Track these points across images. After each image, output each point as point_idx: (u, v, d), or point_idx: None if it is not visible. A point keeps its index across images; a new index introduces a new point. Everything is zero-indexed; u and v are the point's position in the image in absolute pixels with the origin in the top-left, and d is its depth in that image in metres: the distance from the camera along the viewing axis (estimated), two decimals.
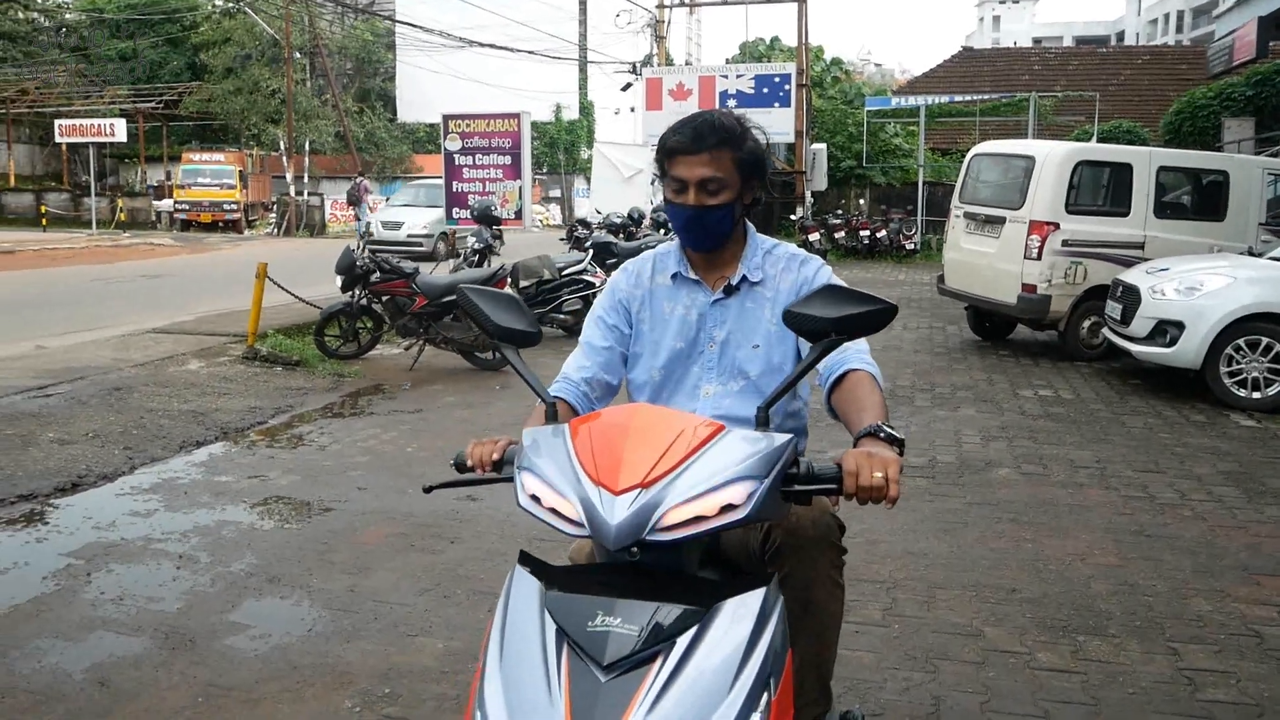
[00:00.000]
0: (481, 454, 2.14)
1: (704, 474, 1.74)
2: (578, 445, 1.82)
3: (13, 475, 6.01)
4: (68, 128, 34.85)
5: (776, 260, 2.60)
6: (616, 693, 1.58)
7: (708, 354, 2.56)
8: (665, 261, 2.64)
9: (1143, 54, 35.50)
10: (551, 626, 1.68)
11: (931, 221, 23.60)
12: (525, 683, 1.63)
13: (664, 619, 1.65)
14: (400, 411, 8.11)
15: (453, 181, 15.79)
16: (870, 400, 2.25)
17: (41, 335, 10.97)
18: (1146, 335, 8.81)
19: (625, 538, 1.68)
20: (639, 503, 1.70)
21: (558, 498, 1.76)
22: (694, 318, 2.56)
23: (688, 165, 2.42)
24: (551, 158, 48.60)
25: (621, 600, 1.68)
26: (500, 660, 1.69)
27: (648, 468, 1.73)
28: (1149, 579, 4.74)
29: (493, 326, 2.21)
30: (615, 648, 1.62)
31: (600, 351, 2.58)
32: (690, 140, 2.41)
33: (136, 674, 3.69)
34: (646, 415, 1.90)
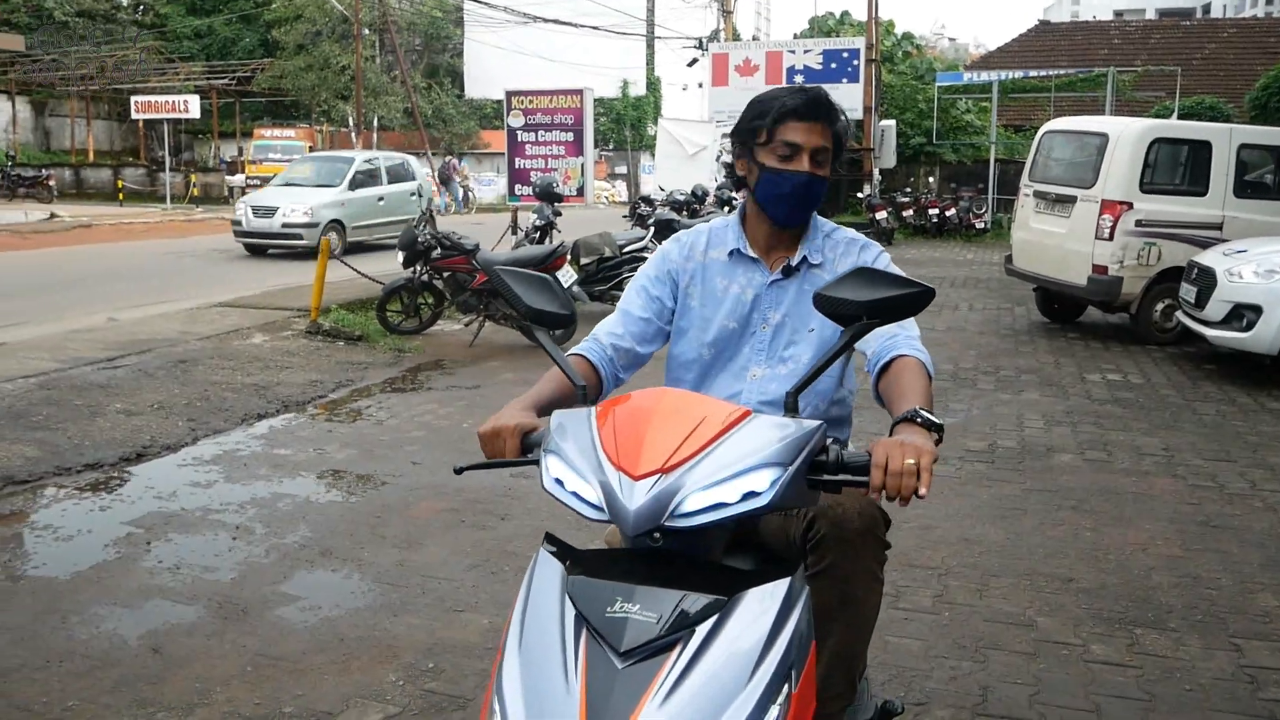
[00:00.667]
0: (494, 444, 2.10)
1: (726, 460, 1.70)
2: (602, 428, 1.79)
3: (80, 445, 6.15)
4: (144, 104, 35.52)
5: (836, 244, 2.52)
6: (633, 680, 1.55)
7: (760, 335, 2.48)
8: (722, 236, 2.55)
9: (1229, 27, 34.43)
10: (571, 611, 1.65)
11: (1003, 200, 23.15)
12: (542, 667, 1.61)
13: (685, 607, 1.62)
14: (458, 387, 8.16)
15: (515, 158, 15.80)
16: (914, 386, 2.16)
17: (114, 308, 11.21)
18: (1222, 319, 8.56)
19: (644, 523, 1.65)
20: (658, 488, 1.66)
21: (580, 481, 1.74)
22: (749, 297, 2.48)
23: (804, 132, 2.35)
24: (618, 134, 48.54)
25: (642, 587, 1.65)
26: (520, 643, 1.67)
27: (669, 452, 1.70)
28: (1213, 572, 4.61)
29: (524, 307, 2.18)
30: (633, 634, 1.58)
31: (636, 321, 2.52)
32: (807, 106, 2.35)
33: (189, 642, 3.76)
34: (672, 399, 1.85)
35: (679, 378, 2.57)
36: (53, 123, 43.50)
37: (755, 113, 2.40)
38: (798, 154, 2.35)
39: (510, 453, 2.05)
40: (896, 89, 27.71)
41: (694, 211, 16.89)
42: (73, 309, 11.22)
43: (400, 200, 20.14)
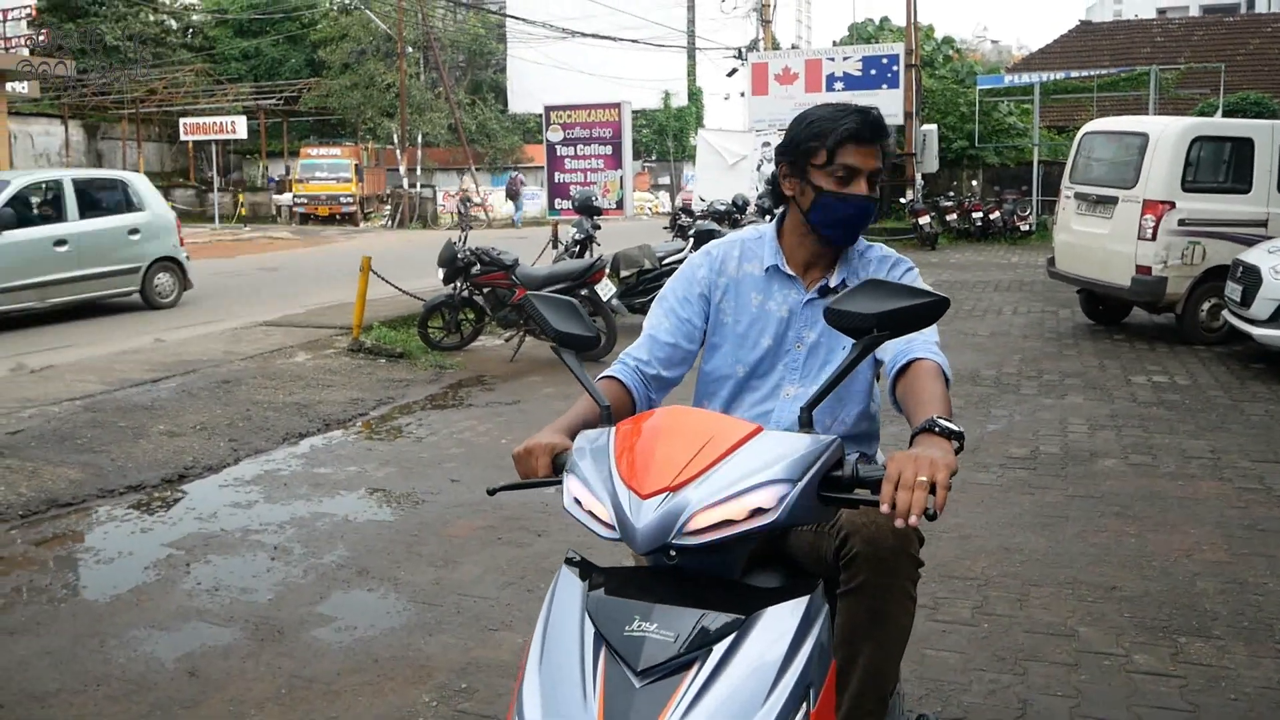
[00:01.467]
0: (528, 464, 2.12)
1: (733, 476, 1.69)
2: (617, 448, 1.79)
3: (123, 466, 6.25)
4: (192, 126, 36.15)
5: (869, 262, 2.48)
6: (650, 699, 1.54)
7: (794, 354, 2.46)
8: (756, 250, 2.51)
9: (1273, 21, 33.77)
10: (590, 629, 1.65)
11: (1047, 202, 22.87)
12: (562, 684, 1.61)
13: (703, 625, 1.61)
14: (498, 403, 8.19)
15: (555, 172, 15.87)
16: (931, 392, 2.11)
17: (161, 329, 11.41)
18: (1268, 317, 8.40)
19: (651, 542, 1.65)
20: (665, 506, 1.66)
21: (595, 501, 1.75)
22: (784, 315, 2.46)
23: (863, 155, 2.33)
24: (660, 145, 48.59)
25: (660, 605, 1.64)
26: (540, 661, 1.67)
27: (676, 470, 1.69)
28: (1260, 577, 4.52)
29: (552, 331, 2.22)
30: (650, 653, 1.58)
31: (663, 346, 2.48)
32: (867, 129, 2.32)
33: (225, 664, 3.80)
34: (681, 417, 1.85)
35: (712, 393, 2.55)
36: (105, 145, 44.34)
37: (812, 133, 2.35)
38: (856, 177, 2.34)
39: (541, 472, 2.07)
40: (937, 93, 27.54)
41: (735, 222, 16.84)
42: (121, 330, 11.44)
43: (107, 242, 13.09)
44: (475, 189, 37.05)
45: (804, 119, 2.38)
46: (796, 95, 23.59)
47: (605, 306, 10.11)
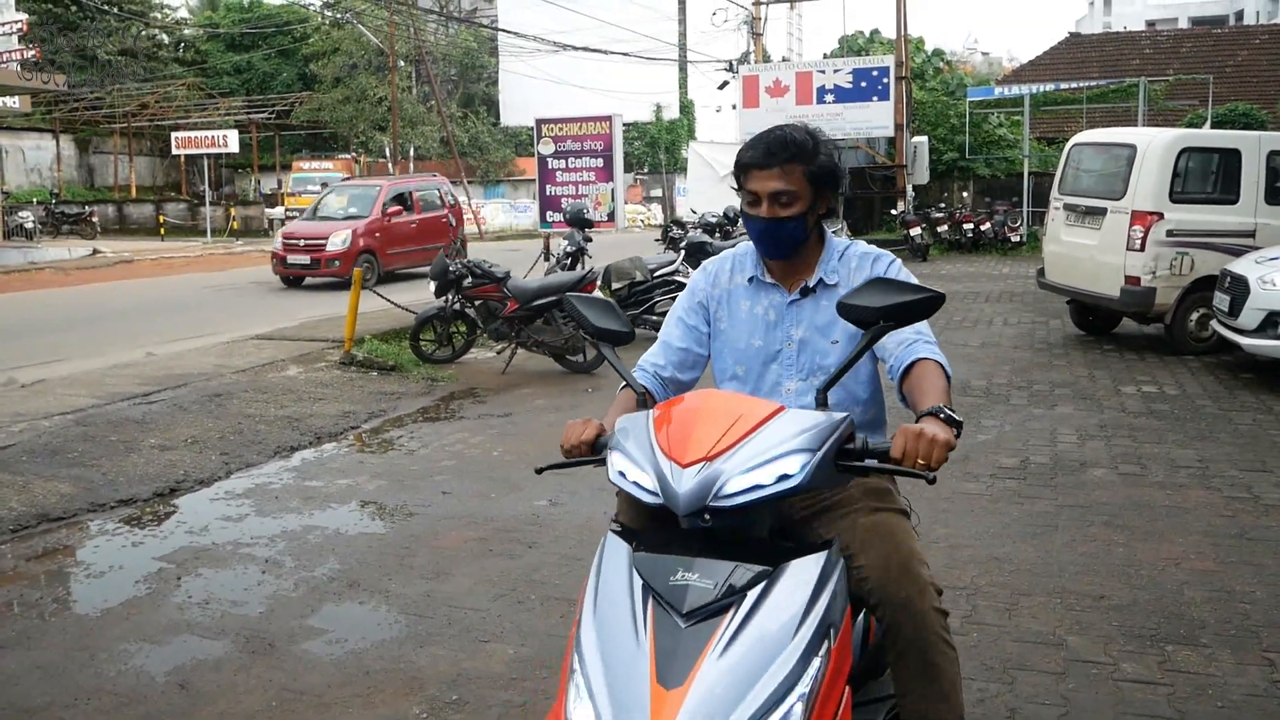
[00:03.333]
0: (573, 436, 2.38)
1: (762, 447, 1.97)
2: (657, 426, 2.08)
3: (114, 480, 6.25)
4: (184, 140, 36.16)
5: (849, 260, 2.68)
6: (694, 637, 1.82)
7: (786, 352, 2.66)
8: (743, 263, 2.75)
9: (1260, 33, 33.98)
10: (639, 582, 1.94)
11: (1037, 213, 22.92)
12: (616, 629, 1.88)
13: (736, 576, 1.90)
14: (490, 415, 8.20)
15: (546, 185, 15.91)
16: (934, 385, 2.37)
17: (153, 342, 11.40)
18: (1256, 327, 8.46)
19: (692, 504, 1.92)
20: (704, 474, 1.93)
21: (639, 472, 2.03)
22: (772, 317, 2.67)
23: (760, 179, 2.55)
24: (652, 157, 48.70)
25: (699, 559, 1.93)
26: (594, 611, 1.95)
27: (712, 443, 1.97)
28: (1247, 585, 4.54)
29: (592, 328, 2.53)
30: (693, 599, 1.86)
31: (676, 351, 2.76)
32: (762, 156, 2.54)
33: (216, 677, 3.80)
34: (715, 399, 2.15)
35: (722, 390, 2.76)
36: (96, 160, 44.37)
37: (735, 163, 2.65)
38: (758, 201, 2.56)
39: (583, 452, 2.35)
40: (928, 105, 27.62)
41: (726, 234, 16.91)
42: (113, 344, 11.41)
43: None
44: (468, 201, 37.04)
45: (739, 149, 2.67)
46: (788, 108, 23.67)
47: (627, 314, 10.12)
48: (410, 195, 19.72)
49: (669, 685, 1.77)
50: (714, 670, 1.79)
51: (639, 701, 1.77)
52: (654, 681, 1.78)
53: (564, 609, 4.40)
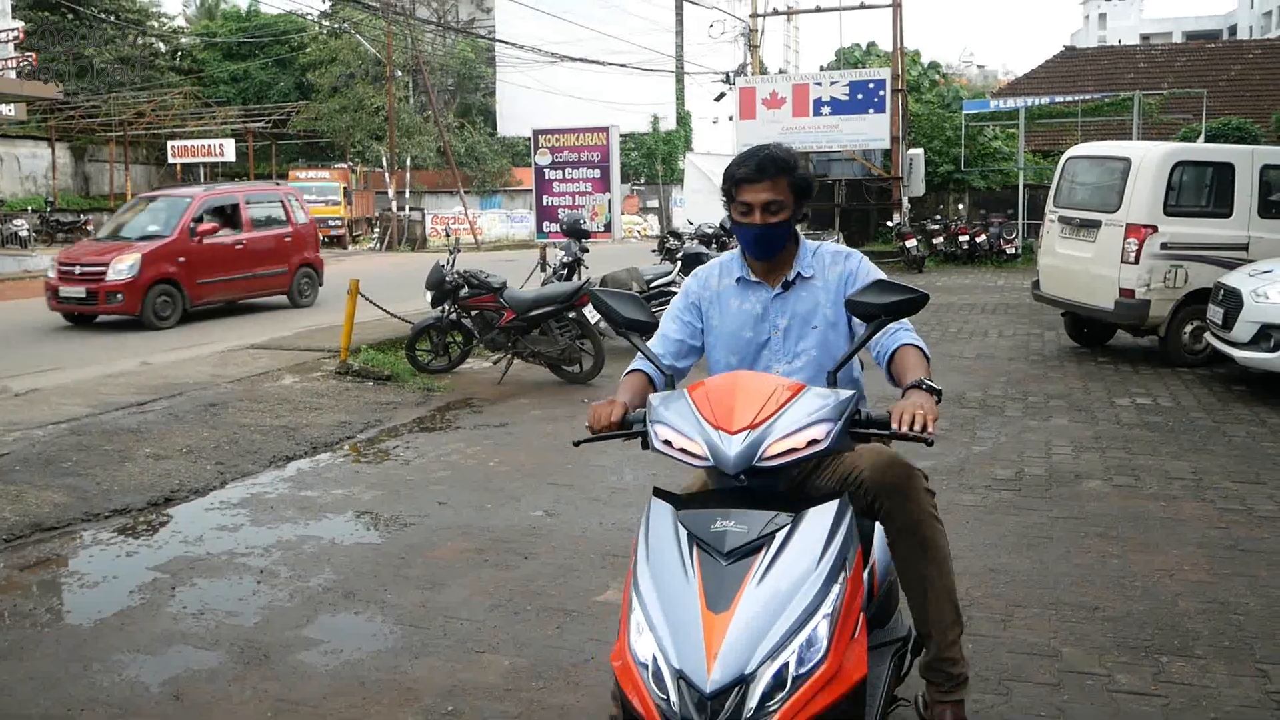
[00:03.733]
0: (601, 416, 2.71)
1: (795, 418, 2.39)
2: (697, 402, 2.45)
3: (109, 490, 6.24)
4: (180, 148, 36.22)
5: (822, 257, 3.10)
6: (735, 572, 2.22)
7: (774, 339, 3.06)
8: (730, 267, 3.14)
9: (1254, 48, 34.09)
10: (684, 532, 2.32)
11: (1032, 225, 22.97)
12: (667, 572, 2.27)
13: (766, 521, 2.30)
14: (486, 425, 8.20)
15: (543, 195, 15.91)
16: (916, 365, 2.80)
17: (148, 352, 11.39)
18: (1250, 340, 8.48)
19: (741, 464, 2.32)
20: (750, 439, 2.34)
21: (686, 440, 2.40)
22: (759, 311, 3.06)
23: (753, 192, 2.92)
24: (649, 168, 48.77)
25: (735, 510, 2.33)
26: (647, 559, 2.34)
27: (754, 414, 2.37)
28: (1241, 596, 4.56)
29: (620, 319, 2.88)
30: (732, 541, 2.26)
31: (672, 342, 3.12)
32: (754, 171, 2.91)
33: (210, 688, 3.80)
34: (745, 378, 2.57)
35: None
36: (92, 168, 44.34)
37: (724, 179, 3.01)
38: (751, 211, 2.94)
39: (614, 425, 2.69)
40: (924, 118, 27.68)
41: (723, 244, 16.91)
42: (107, 353, 11.42)
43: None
44: (465, 212, 37.07)
45: (725, 167, 3.04)
46: (784, 120, 23.71)
47: (593, 329, 10.12)
48: (238, 209, 16.01)
49: (717, 610, 2.16)
50: (754, 596, 2.18)
51: (693, 625, 2.15)
52: (704, 609, 2.17)
53: (560, 619, 4.40)
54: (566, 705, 3.67)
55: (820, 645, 2.16)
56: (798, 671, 2.13)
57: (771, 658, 2.12)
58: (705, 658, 2.11)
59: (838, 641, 2.20)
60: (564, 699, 3.71)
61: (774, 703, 2.09)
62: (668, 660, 2.15)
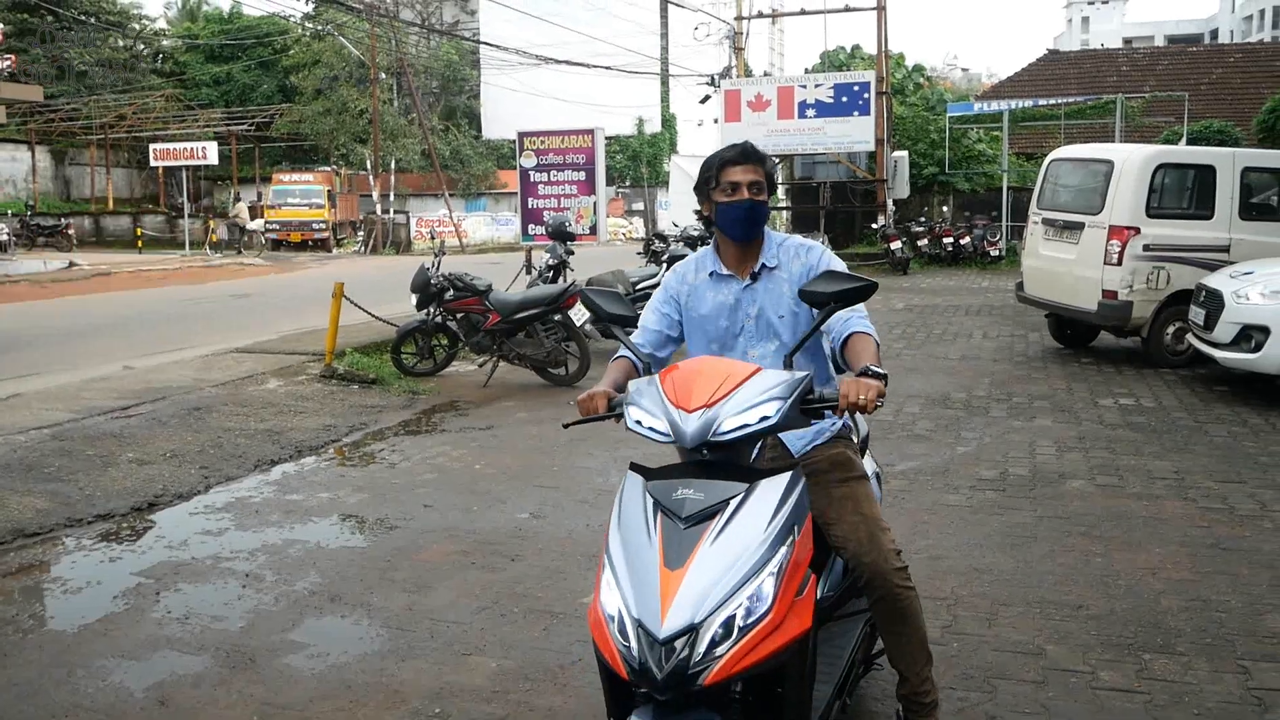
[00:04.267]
0: (590, 405, 2.92)
1: (747, 396, 2.57)
2: (664, 385, 2.66)
3: (92, 495, 6.20)
4: (162, 152, 36.00)
5: (788, 249, 3.31)
6: (692, 534, 2.42)
7: (747, 327, 3.27)
8: (704, 263, 3.36)
9: (1235, 52, 34.35)
10: (650, 499, 2.53)
11: (1016, 227, 23.09)
12: (634, 534, 2.48)
13: (721, 490, 2.49)
14: (472, 428, 8.19)
15: (528, 198, 15.91)
16: (866, 351, 3.00)
17: (130, 356, 11.32)
18: (1231, 341, 8.54)
19: (696, 438, 2.52)
20: (705, 416, 2.53)
21: (652, 419, 2.61)
22: (731, 301, 3.27)
23: (741, 172, 3.17)
24: (634, 171, 48.80)
25: (695, 479, 2.53)
26: (618, 525, 2.55)
27: (709, 394, 2.56)
28: (1222, 594, 4.59)
29: (605, 313, 3.10)
30: (690, 507, 2.46)
31: (652, 333, 3.35)
32: (740, 155, 3.20)
33: (196, 693, 3.78)
34: (708, 363, 2.80)
35: None
36: (72, 171, 44.12)
37: (705, 168, 3.25)
38: (738, 189, 3.17)
39: (600, 409, 2.91)
40: (908, 120, 27.78)
41: None
42: (89, 358, 11.32)
43: None
44: (449, 215, 37.00)
45: (703, 162, 3.29)
46: (769, 122, 23.77)
47: (579, 332, 10.12)
48: None
49: (673, 567, 2.36)
50: (707, 554, 2.37)
51: (651, 580, 2.36)
52: (662, 566, 2.37)
53: (547, 621, 4.40)
54: (554, 707, 3.67)
55: (766, 599, 2.35)
56: (744, 622, 2.31)
57: (719, 609, 2.30)
58: (660, 609, 2.31)
59: (783, 596, 2.38)
60: (551, 700, 3.71)
61: (721, 649, 2.28)
62: (629, 612, 2.35)
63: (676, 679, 2.27)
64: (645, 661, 2.29)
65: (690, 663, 2.27)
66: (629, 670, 2.33)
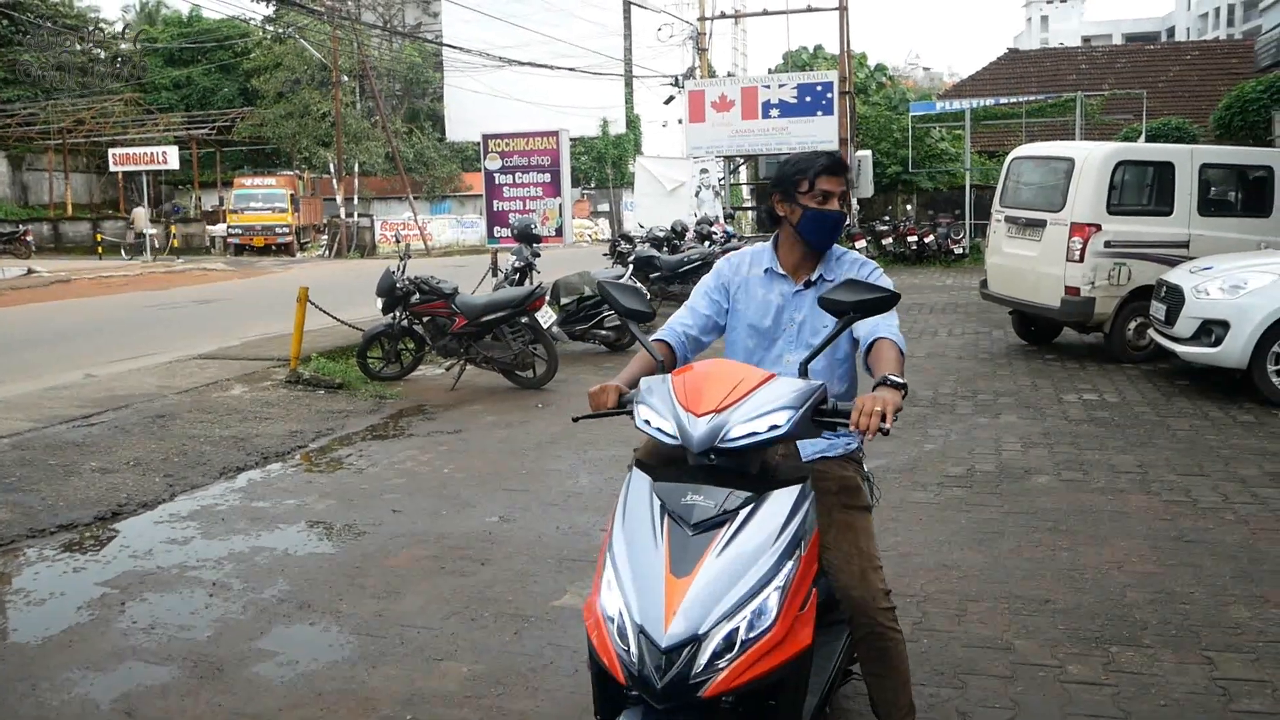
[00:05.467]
0: (600, 400, 2.89)
1: (758, 404, 2.53)
2: (675, 385, 2.63)
3: (54, 505, 6.12)
4: (122, 156, 35.62)
5: (843, 263, 3.31)
6: (699, 542, 2.39)
7: (789, 331, 3.28)
8: (760, 258, 3.37)
9: (1191, 49, 34.84)
10: (657, 502, 2.50)
11: (980, 225, 23.30)
12: (639, 537, 2.46)
13: (731, 499, 2.45)
14: (440, 432, 8.15)
15: (493, 200, 15.85)
16: (888, 359, 2.97)
17: (92, 364, 11.19)
18: (1191, 335, 8.65)
19: (704, 444, 2.48)
20: (713, 422, 2.50)
21: (661, 420, 2.59)
22: (779, 303, 3.29)
23: (834, 182, 3.18)
24: (599, 172, 48.76)
25: (704, 486, 2.49)
26: (623, 525, 2.52)
27: (719, 399, 2.53)
28: (1187, 586, 4.65)
29: (622, 308, 3.04)
30: (699, 514, 2.43)
31: (700, 316, 3.37)
32: (835, 165, 3.21)
33: (163, 704, 3.74)
34: (721, 366, 2.73)
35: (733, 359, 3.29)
36: (30, 177, 43.52)
37: (798, 169, 3.20)
38: (830, 198, 3.19)
39: (610, 404, 2.88)
40: (871, 120, 27.96)
41: (674, 247, 16.94)
42: (50, 366, 11.18)
43: None
44: (414, 218, 36.82)
45: (789, 162, 3.27)
46: (733, 122, 23.86)
47: (545, 334, 10.09)
48: None
49: (679, 574, 2.34)
50: (714, 564, 2.35)
51: (656, 587, 2.34)
52: (668, 572, 2.35)
53: (518, 625, 4.39)
54: (526, 711, 3.66)
55: (770, 614, 2.34)
56: (746, 636, 2.30)
57: (724, 621, 2.30)
58: (664, 616, 2.29)
59: (787, 612, 2.37)
60: (524, 705, 3.70)
61: (723, 661, 2.27)
62: (631, 616, 2.34)
63: (676, 689, 2.26)
64: (645, 668, 2.28)
65: (691, 673, 2.26)
66: (627, 675, 2.33)
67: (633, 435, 2.78)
